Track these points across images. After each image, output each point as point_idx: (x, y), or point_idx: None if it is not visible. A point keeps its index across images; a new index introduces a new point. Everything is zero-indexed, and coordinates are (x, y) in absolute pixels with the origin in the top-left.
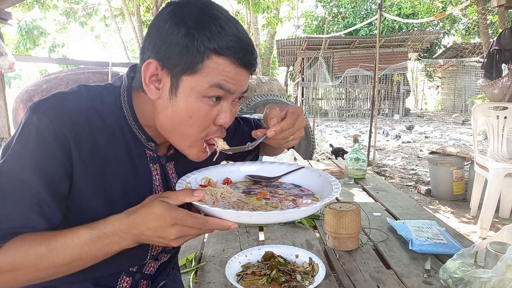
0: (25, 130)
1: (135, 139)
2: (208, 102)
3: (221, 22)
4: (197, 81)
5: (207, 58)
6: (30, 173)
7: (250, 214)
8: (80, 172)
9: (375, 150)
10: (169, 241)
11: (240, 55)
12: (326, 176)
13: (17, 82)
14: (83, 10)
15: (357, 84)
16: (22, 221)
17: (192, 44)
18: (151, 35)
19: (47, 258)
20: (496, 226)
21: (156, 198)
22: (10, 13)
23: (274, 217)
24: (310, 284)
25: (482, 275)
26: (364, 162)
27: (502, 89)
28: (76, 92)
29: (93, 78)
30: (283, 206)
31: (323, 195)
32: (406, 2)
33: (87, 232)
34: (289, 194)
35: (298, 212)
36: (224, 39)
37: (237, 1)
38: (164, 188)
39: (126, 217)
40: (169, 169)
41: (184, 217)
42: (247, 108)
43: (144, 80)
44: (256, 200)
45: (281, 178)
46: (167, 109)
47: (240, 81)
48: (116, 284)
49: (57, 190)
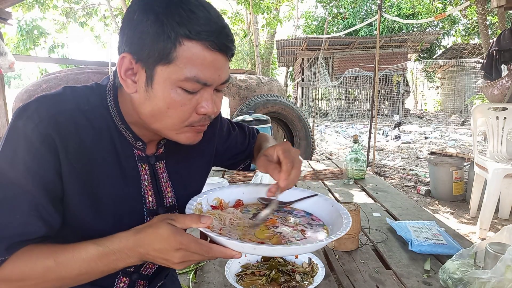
0: (12, 136)
1: (122, 139)
2: (184, 92)
3: (191, 6)
4: (172, 72)
5: (179, 44)
6: (24, 179)
7: (254, 247)
8: (68, 173)
9: (375, 151)
10: (172, 264)
11: (213, 38)
12: (338, 208)
13: (17, 82)
14: (83, 10)
15: (356, 85)
16: (23, 227)
17: (162, 30)
18: (123, 28)
19: (55, 271)
20: (496, 226)
21: (164, 219)
22: (10, 13)
23: (278, 251)
24: (309, 284)
25: (481, 275)
26: (364, 163)
27: (502, 89)
28: (60, 94)
29: (93, 78)
30: (290, 237)
31: (333, 227)
32: (406, 2)
33: (94, 248)
34: (299, 223)
35: (302, 248)
36: (195, 23)
37: (236, 2)
38: (153, 188)
39: (133, 235)
40: (159, 169)
41: (188, 242)
42: (247, 108)
43: (120, 75)
44: (265, 227)
45: (293, 204)
46: (146, 102)
47: (217, 69)
48: (113, 284)
49: (52, 193)
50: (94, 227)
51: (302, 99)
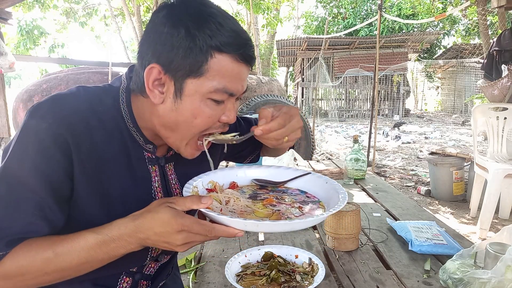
0: (24, 135)
1: (133, 141)
2: (212, 103)
3: (219, 19)
4: (202, 84)
5: (210, 57)
6: (31, 178)
7: (257, 223)
8: (80, 173)
9: (375, 151)
10: (175, 246)
11: (242, 51)
12: (332, 184)
13: (17, 82)
14: (83, 10)
15: (357, 85)
16: (26, 226)
17: (194, 44)
18: (150, 40)
19: (54, 262)
20: (496, 227)
21: (163, 203)
22: (10, 12)
23: (281, 227)
24: (309, 284)
25: (481, 275)
26: (364, 163)
27: (502, 90)
28: (74, 93)
29: (93, 78)
30: (289, 213)
31: (329, 202)
32: (406, 2)
33: (93, 237)
34: (295, 201)
35: (304, 222)
36: (224, 35)
37: (237, 2)
38: (163, 189)
39: (131, 221)
40: (168, 170)
41: (190, 223)
42: (247, 108)
43: (147, 86)
44: (263, 206)
45: (287, 183)
46: (172, 112)
47: (242, 80)
48: (116, 284)
49: (59, 193)
50: None
51: (302, 99)
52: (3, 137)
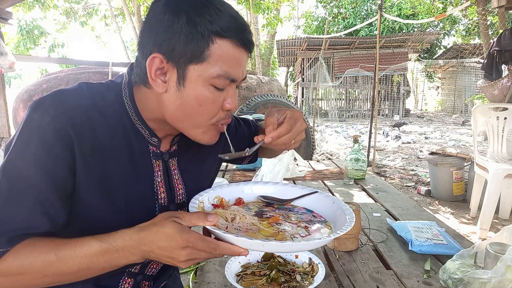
0: (26, 129)
1: (137, 135)
2: (214, 90)
3: (217, 4)
4: (205, 70)
5: (212, 43)
6: (33, 173)
7: (262, 243)
8: (82, 168)
9: (375, 151)
10: (178, 262)
11: (241, 35)
12: (340, 204)
13: (17, 81)
14: (83, 9)
15: (357, 85)
16: (27, 222)
17: (196, 30)
18: (150, 29)
19: (55, 265)
20: (496, 227)
21: (169, 217)
22: (11, 12)
23: (287, 247)
24: (309, 284)
25: (481, 275)
26: (364, 163)
27: (502, 90)
28: (76, 89)
29: (93, 78)
30: (295, 233)
31: (336, 223)
32: (406, 2)
33: (97, 244)
34: (301, 220)
35: (310, 244)
36: (224, 20)
37: (237, 2)
38: (165, 184)
39: (136, 233)
40: (172, 165)
41: (195, 240)
42: (247, 108)
43: (150, 75)
44: (268, 224)
45: (294, 201)
46: (176, 101)
47: (242, 65)
48: (118, 285)
49: (61, 189)
50: (105, 222)
51: (302, 99)
52: (3, 137)
